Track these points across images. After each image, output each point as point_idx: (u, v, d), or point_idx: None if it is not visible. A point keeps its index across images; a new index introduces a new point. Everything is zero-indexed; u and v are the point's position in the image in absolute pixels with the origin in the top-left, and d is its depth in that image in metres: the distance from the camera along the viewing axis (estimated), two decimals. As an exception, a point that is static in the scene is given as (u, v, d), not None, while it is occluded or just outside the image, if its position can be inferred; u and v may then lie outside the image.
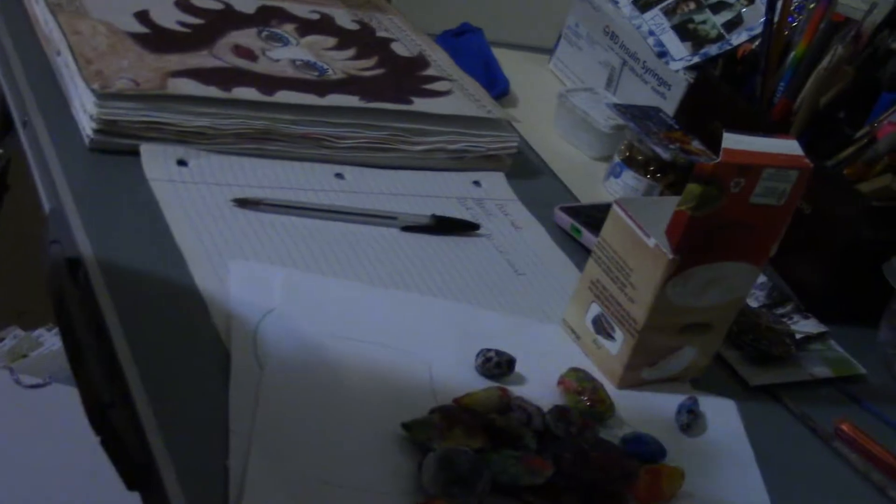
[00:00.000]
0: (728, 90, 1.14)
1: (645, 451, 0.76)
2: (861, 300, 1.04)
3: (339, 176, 0.97)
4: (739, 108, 1.13)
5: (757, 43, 1.16)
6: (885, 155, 1.00)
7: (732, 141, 0.77)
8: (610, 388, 0.83)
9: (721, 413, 0.87)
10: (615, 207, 0.84)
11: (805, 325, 1.00)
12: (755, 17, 1.21)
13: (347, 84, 1.02)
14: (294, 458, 0.66)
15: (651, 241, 0.80)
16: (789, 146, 0.80)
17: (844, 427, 0.90)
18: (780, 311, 1.01)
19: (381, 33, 1.18)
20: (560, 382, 0.81)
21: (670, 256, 0.79)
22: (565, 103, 1.20)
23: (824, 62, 1.06)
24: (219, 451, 0.65)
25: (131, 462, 0.66)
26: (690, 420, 0.83)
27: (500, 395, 0.75)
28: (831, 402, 0.94)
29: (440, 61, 1.15)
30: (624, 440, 0.77)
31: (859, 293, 1.03)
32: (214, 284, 0.78)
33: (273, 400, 0.70)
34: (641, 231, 0.81)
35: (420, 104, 1.03)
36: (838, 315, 1.03)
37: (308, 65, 1.04)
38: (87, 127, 0.88)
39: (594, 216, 1.03)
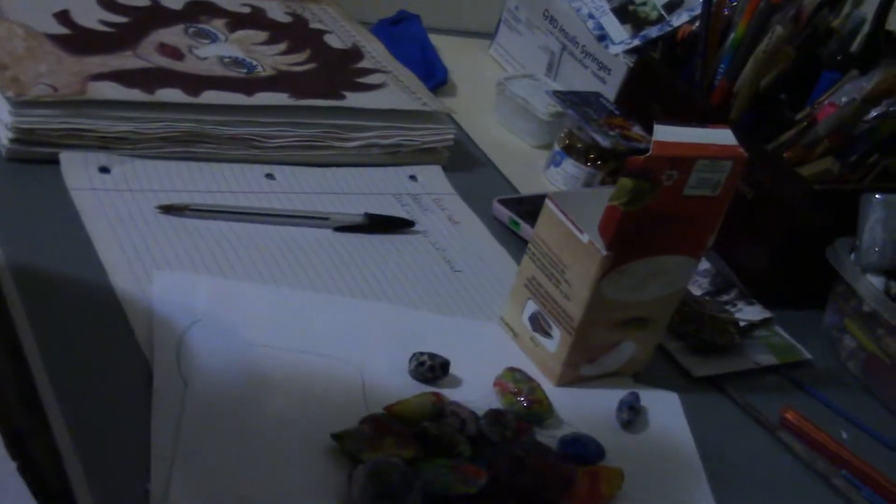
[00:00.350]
0: (668, 74, 1.12)
1: (583, 452, 0.75)
2: (805, 284, 1.03)
3: (269, 176, 0.95)
4: (679, 92, 1.11)
5: (697, 24, 1.14)
6: (824, 138, 0.98)
7: (664, 133, 0.75)
8: (549, 386, 0.82)
9: (663, 407, 0.85)
10: (548, 203, 0.82)
11: (749, 312, 0.99)
12: (696, -2, 1.19)
13: (277, 81, 1.00)
14: (218, 478, 0.64)
15: (584, 238, 0.78)
16: (723, 136, 0.78)
17: (789, 416, 0.89)
18: (724, 297, 1.00)
19: (314, 25, 1.15)
20: (496, 384, 0.79)
21: (604, 253, 0.77)
22: (504, 91, 1.18)
23: (763, 44, 1.04)
24: (141, 475, 0.63)
25: (48, 490, 0.63)
26: (631, 416, 0.81)
27: (433, 401, 0.73)
28: (776, 389, 0.93)
29: (375, 53, 1.13)
30: (562, 442, 0.75)
31: (803, 277, 1.02)
32: (137, 297, 0.76)
33: (197, 419, 0.67)
34: (575, 227, 0.79)
35: (352, 99, 1.01)
36: (783, 299, 1.02)
37: (236, 62, 1.01)
38: (2, 136, 0.85)
39: (533, 208, 1.01)
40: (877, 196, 0.97)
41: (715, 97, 1.08)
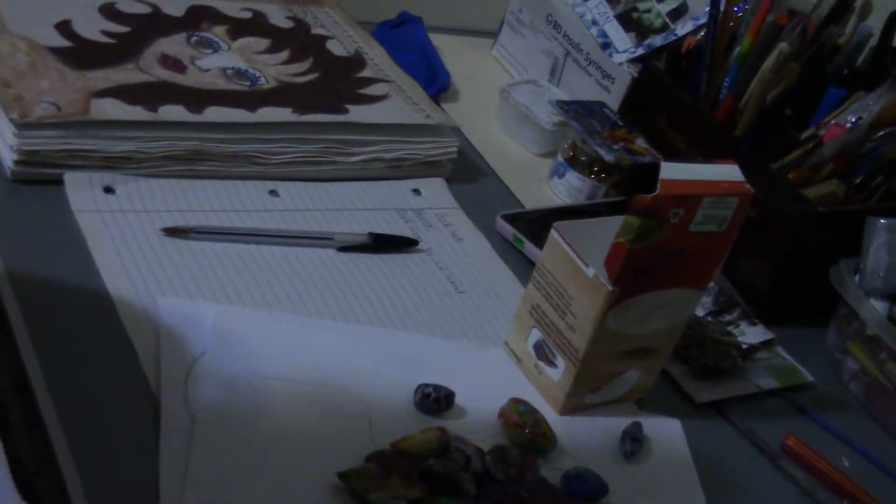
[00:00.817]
0: (672, 85, 1.12)
1: (587, 489, 0.75)
2: (808, 304, 1.03)
3: (273, 193, 0.94)
4: (684, 105, 1.10)
5: (701, 35, 1.14)
6: (830, 160, 0.98)
7: (670, 170, 0.74)
8: (552, 414, 0.82)
9: (666, 435, 0.85)
10: (553, 234, 0.81)
11: (752, 333, 0.99)
12: (701, 5, 1.18)
13: (280, 94, 0.99)
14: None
15: (590, 272, 0.78)
16: (729, 172, 0.78)
17: (790, 442, 0.89)
18: (727, 317, 1.00)
19: (316, 30, 1.14)
20: (501, 415, 0.79)
21: (609, 288, 0.77)
22: (508, 98, 1.18)
23: (769, 61, 1.03)
24: (149, 515, 0.63)
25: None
26: (634, 448, 0.81)
27: (437, 436, 0.73)
28: (778, 413, 0.94)
29: (377, 59, 1.12)
30: (566, 478, 0.75)
31: (806, 297, 1.02)
32: (143, 326, 0.76)
33: (205, 455, 0.67)
34: (580, 260, 0.79)
35: (356, 113, 1.00)
36: (785, 318, 1.02)
37: (239, 73, 1.01)
38: (7, 158, 0.84)
39: (536, 225, 1.01)
40: (881, 221, 0.97)
41: (720, 112, 1.07)
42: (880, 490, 0.89)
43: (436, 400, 0.78)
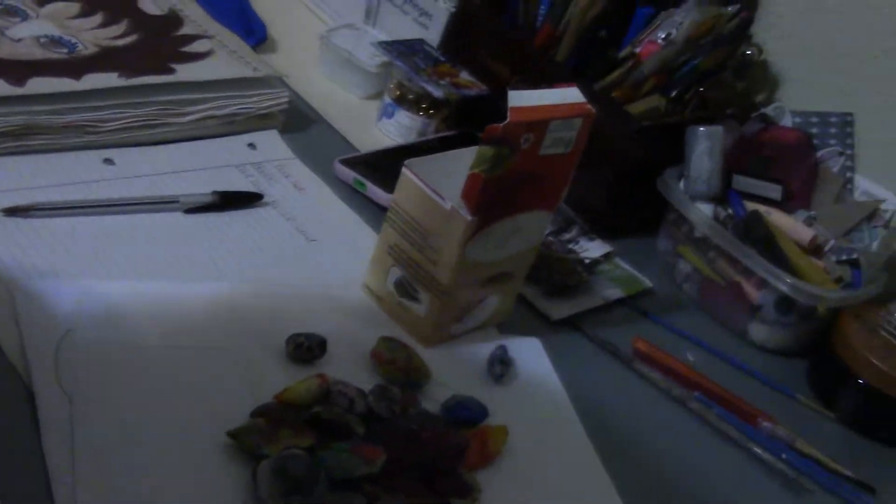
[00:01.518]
0: (490, 18, 1.14)
1: (469, 415, 0.78)
2: (639, 215, 1.08)
3: (108, 161, 0.92)
4: (503, 36, 1.13)
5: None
6: (650, 76, 1.03)
7: (517, 98, 0.77)
8: (420, 348, 0.84)
9: (529, 354, 0.89)
10: (406, 172, 0.83)
11: (592, 248, 1.03)
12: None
13: (102, 59, 0.96)
14: (123, 493, 0.64)
15: (447, 204, 0.80)
16: (571, 94, 0.81)
17: (640, 346, 0.94)
18: (567, 236, 1.04)
19: (124, -10, 1.11)
20: (373, 355, 0.81)
21: (469, 218, 0.79)
22: (328, 44, 1.17)
23: (580, -15, 1.07)
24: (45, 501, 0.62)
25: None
26: (503, 370, 0.84)
27: (318, 383, 0.74)
28: (626, 321, 0.99)
29: (194, 16, 1.10)
30: (446, 407, 0.78)
31: (637, 209, 1.07)
32: (0, 314, 0.73)
33: (89, 434, 0.66)
34: (436, 194, 0.81)
35: (183, 72, 0.98)
36: (620, 231, 1.07)
37: (54, 41, 0.97)
38: None
39: (375, 166, 1.02)
40: (701, 129, 1.02)
41: (539, 40, 1.10)
42: (723, 377, 0.95)
43: (308, 348, 0.78)
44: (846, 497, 0.88)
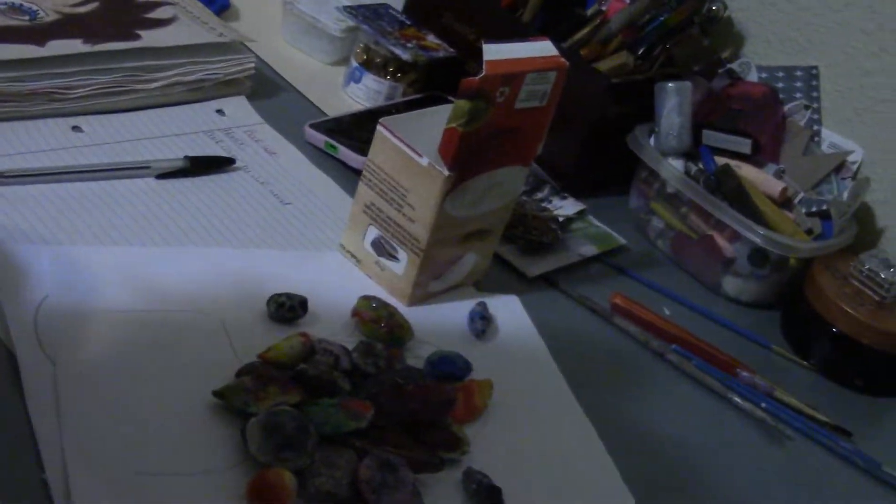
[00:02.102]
0: (454, -21, 1.14)
1: (454, 370, 0.78)
2: (610, 173, 1.08)
3: (76, 129, 0.91)
4: (468, -2, 1.13)
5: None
6: (618, 33, 1.03)
7: (491, 52, 0.76)
8: (401, 307, 0.84)
9: (507, 311, 0.89)
10: (381, 129, 0.82)
11: (565, 207, 1.03)
12: None
13: (65, 26, 0.94)
14: (114, 459, 0.63)
15: (424, 161, 0.80)
16: (544, 47, 0.80)
17: (618, 301, 0.95)
18: (539, 195, 1.04)
19: (82, -42, 1.09)
20: (355, 314, 0.80)
21: (446, 174, 0.79)
22: (292, 10, 1.16)
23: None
24: (34, 466, 0.61)
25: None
26: (484, 326, 0.84)
27: (302, 341, 0.74)
28: (602, 277, 0.99)
29: (155, -17, 1.08)
30: (430, 363, 0.78)
31: (608, 166, 1.08)
32: (-26, 279, 0.72)
33: (75, 399, 0.65)
34: (413, 151, 0.80)
35: (149, 38, 0.97)
36: (592, 190, 1.08)
37: (14, 7, 0.95)
38: None
39: (345, 129, 1.02)
40: (670, 84, 1.02)
41: (505, 1, 1.10)
42: (699, 331, 0.96)
43: (290, 308, 0.78)
44: (824, 443, 0.89)
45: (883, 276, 0.97)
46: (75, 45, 0.92)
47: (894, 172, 1.07)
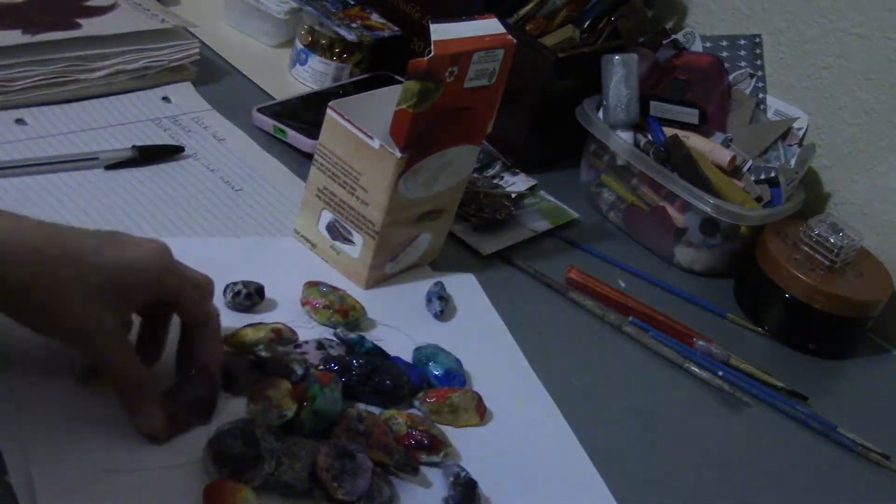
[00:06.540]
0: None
1: (459, 382, 0.78)
2: (560, 147, 1.09)
3: (20, 121, 0.89)
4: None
5: None
6: (563, 7, 1.03)
7: (439, 31, 0.76)
8: (357, 290, 0.84)
9: (464, 289, 0.89)
10: (331, 114, 0.82)
11: (516, 183, 1.03)
12: None
13: (2, 16, 0.93)
14: (74, 453, 0.62)
15: (376, 143, 0.79)
16: (491, 25, 0.80)
17: (573, 275, 0.95)
18: (490, 172, 1.04)
19: (16, -53, 1.07)
20: (304, 303, 0.80)
21: (399, 156, 0.79)
22: (234, -7, 1.15)
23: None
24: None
25: None
26: (442, 306, 0.84)
27: (272, 338, 0.73)
28: (556, 251, 1.00)
29: (93, -30, 1.07)
30: (439, 380, 0.77)
31: (557, 141, 1.08)
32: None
33: (32, 397, 0.65)
34: (363, 134, 0.80)
35: (90, 27, 0.95)
36: (542, 165, 1.08)
37: (-50, 0, 0.94)
38: None
39: (294, 113, 1.01)
40: (616, 57, 1.03)
41: (448, -23, 1.10)
42: (654, 301, 0.97)
43: (247, 295, 0.78)
44: (780, 408, 0.90)
45: (832, 240, 0.99)
46: (14, 36, 0.90)
47: (839, 138, 1.08)
